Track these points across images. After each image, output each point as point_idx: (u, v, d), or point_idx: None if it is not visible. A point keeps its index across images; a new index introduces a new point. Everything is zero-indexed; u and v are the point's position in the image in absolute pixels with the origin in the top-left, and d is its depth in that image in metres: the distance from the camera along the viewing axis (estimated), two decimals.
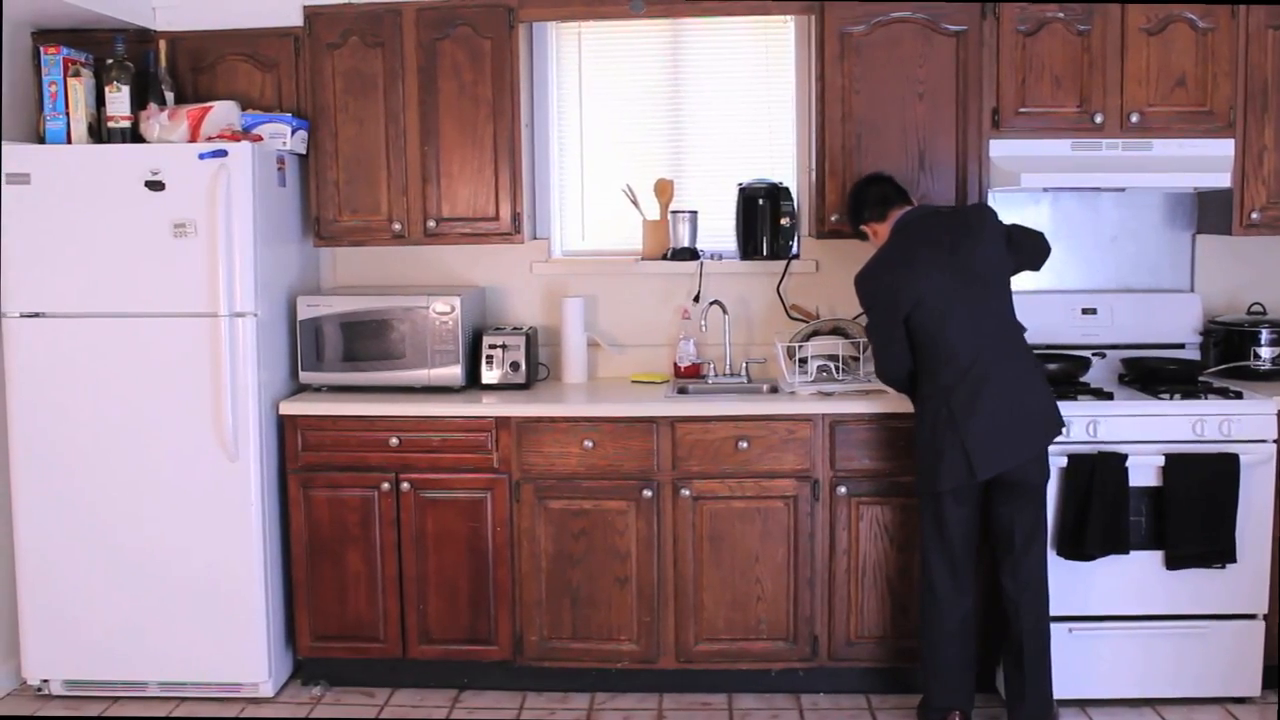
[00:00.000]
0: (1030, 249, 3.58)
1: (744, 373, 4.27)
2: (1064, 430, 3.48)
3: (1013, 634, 3.48)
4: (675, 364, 4.31)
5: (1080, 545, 3.58)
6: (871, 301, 3.50)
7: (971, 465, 3.32)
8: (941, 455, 3.36)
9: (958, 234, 3.43)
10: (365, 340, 4.00)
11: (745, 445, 3.77)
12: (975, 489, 3.42)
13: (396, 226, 4.09)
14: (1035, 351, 3.72)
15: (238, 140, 3.76)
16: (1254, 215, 3.91)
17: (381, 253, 4.39)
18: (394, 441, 3.85)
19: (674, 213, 4.28)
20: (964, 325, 3.35)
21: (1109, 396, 3.74)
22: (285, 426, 3.89)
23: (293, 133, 3.95)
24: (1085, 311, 4.17)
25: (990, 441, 3.31)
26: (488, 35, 4.01)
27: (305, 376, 4.03)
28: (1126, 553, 3.58)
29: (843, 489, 3.77)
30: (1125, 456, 3.58)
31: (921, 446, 3.45)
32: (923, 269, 3.38)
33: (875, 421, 3.75)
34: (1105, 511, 3.55)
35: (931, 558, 3.49)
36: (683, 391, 4.10)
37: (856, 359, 4.04)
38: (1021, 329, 3.50)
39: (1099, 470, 3.56)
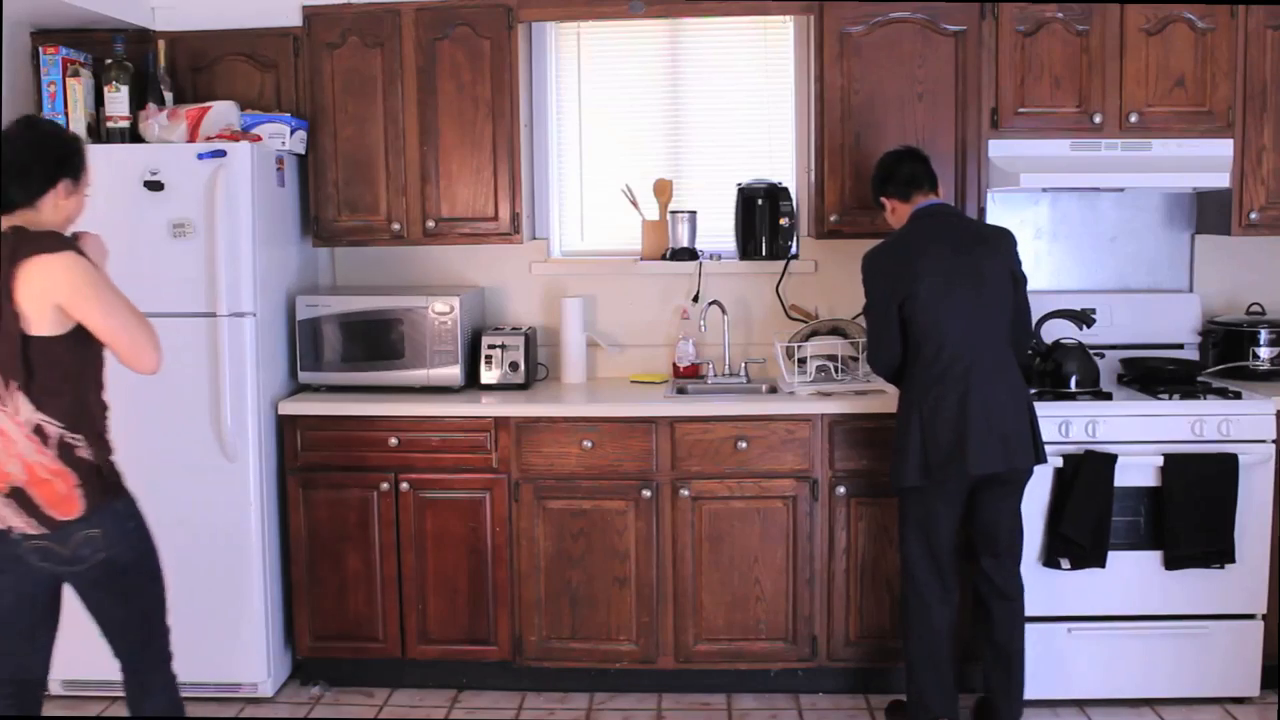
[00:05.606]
0: (1019, 305, 3.43)
1: (743, 373, 4.26)
2: (1034, 466, 3.37)
3: (997, 635, 3.41)
4: (674, 364, 4.31)
5: (1079, 544, 3.58)
6: (870, 284, 3.46)
7: (929, 465, 3.28)
8: (905, 452, 3.32)
9: (972, 241, 3.39)
10: (364, 340, 4.00)
11: (744, 445, 3.77)
12: (963, 487, 3.35)
13: (396, 226, 4.09)
14: (1033, 351, 3.73)
15: (237, 140, 3.75)
16: (1253, 215, 3.92)
17: (381, 253, 4.39)
18: (393, 441, 3.85)
19: (673, 213, 4.28)
20: (955, 328, 3.30)
21: (1108, 397, 3.74)
22: (284, 426, 3.89)
23: (292, 133, 3.95)
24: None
25: (951, 446, 3.24)
26: (487, 35, 4.01)
27: (304, 376, 4.03)
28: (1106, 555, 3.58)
29: (842, 489, 3.77)
30: (1115, 458, 3.57)
31: (895, 440, 3.41)
32: (926, 264, 3.32)
33: (874, 421, 3.74)
34: (1097, 510, 3.55)
35: (918, 563, 3.40)
36: (682, 391, 4.10)
37: (855, 359, 4.04)
38: (1013, 352, 3.41)
39: (1096, 469, 3.55)
